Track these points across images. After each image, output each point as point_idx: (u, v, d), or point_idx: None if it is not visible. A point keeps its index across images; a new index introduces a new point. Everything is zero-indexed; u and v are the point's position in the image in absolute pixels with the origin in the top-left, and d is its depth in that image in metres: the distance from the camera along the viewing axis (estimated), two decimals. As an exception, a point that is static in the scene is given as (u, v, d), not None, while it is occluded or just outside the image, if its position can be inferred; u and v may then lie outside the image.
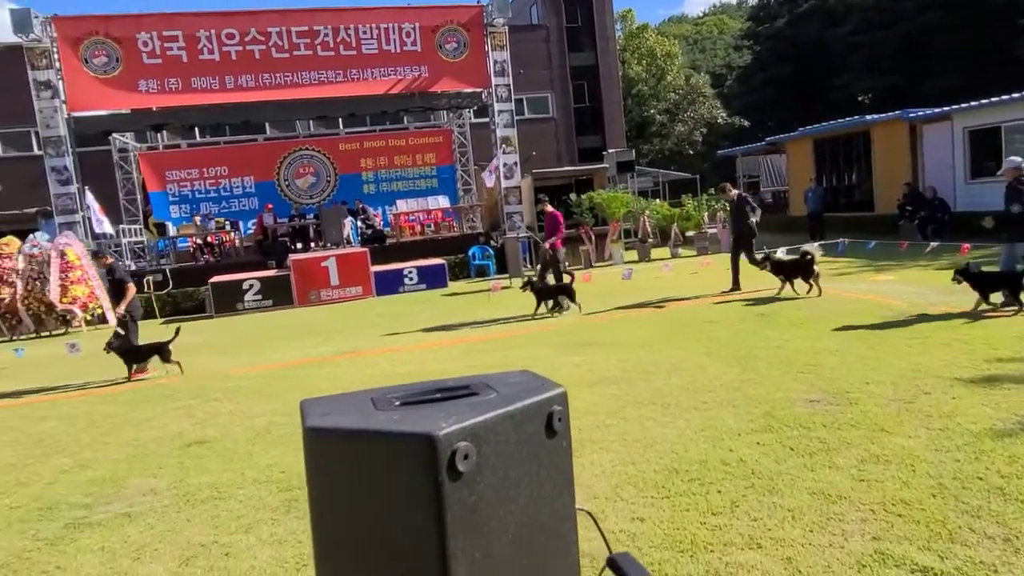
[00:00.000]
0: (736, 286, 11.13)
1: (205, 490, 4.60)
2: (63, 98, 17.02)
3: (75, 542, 3.98)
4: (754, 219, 11.18)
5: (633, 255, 19.80)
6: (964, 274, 7.99)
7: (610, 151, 25.24)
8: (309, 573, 3.32)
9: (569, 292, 10.61)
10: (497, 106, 20.62)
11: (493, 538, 1.01)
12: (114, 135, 20.58)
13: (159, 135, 23.74)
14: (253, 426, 6.07)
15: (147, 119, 19.51)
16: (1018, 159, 8.32)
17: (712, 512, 3.53)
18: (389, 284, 17.54)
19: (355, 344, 10.08)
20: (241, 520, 4.05)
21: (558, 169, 27.16)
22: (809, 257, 10.09)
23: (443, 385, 1.26)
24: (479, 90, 21.04)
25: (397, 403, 1.16)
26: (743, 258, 11.15)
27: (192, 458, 5.32)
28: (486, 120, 23.03)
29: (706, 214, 20.69)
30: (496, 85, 20.47)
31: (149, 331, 13.19)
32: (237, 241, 20.89)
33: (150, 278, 17.02)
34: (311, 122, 27.27)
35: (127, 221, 21.07)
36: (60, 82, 16.96)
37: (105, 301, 15.74)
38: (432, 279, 17.80)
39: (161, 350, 8.81)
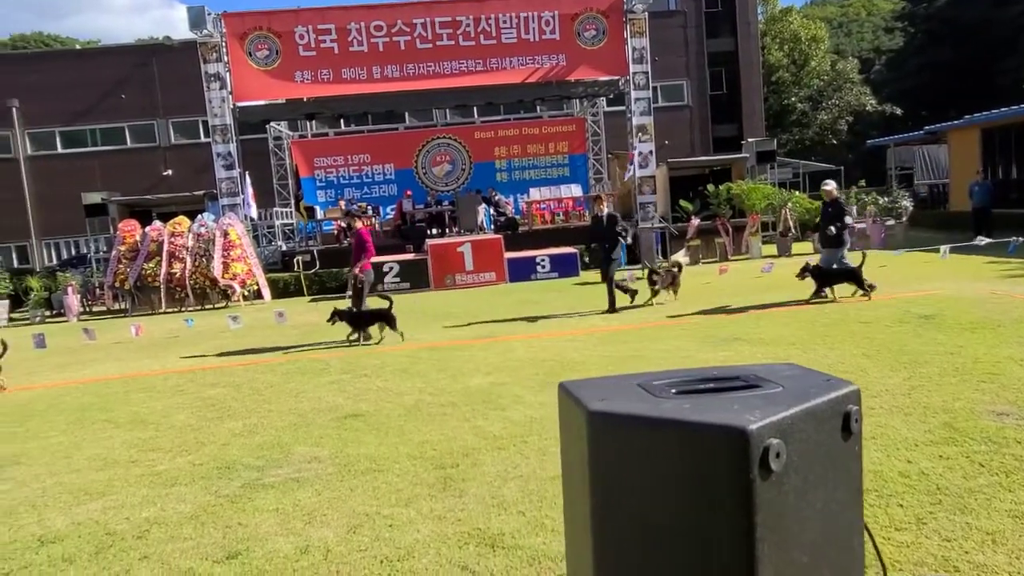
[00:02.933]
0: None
1: (364, 462, 4.80)
2: (229, 89, 18.39)
3: (252, 501, 4.27)
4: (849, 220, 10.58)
5: (771, 249, 18.89)
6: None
7: (749, 140, 24.19)
8: (471, 551, 3.38)
9: (389, 318, 9.49)
10: (634, 94, 20.23)
11: (794, 545, 0.93)
12: (271, 123, 21.99)
13: (309, 124, 25.13)
14: (403, 403, 6.29)
15: (300, 108, 20.70)
16: (832, 183, 10.29)
17: (896, 528, 3.27)
18: (522, 271, 17.71)
19: (492, 329, 10.23)
20: (400, 494, 4.19)
21: (693, 159, 26.34)
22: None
23: (708, 375, 1.20)
24: (616, 78, 20.74)
25: (673, 391, 1.11)
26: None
27: (349, 431, 5.58)
28: (620, 108, 22.69)
29: (854, 208, 19.38)
30: (633, 73, 20.08)
31: (297, 308, 14.06)
32: (377, 225, 21.81)
33: (299, 258, 18.10)
34: (448, 111, 27.93)
35: (279, 204, 22.53)
36: (227, 74, 18.34)
37: (261, 278, 16.93)
38: (564, 267, 17.80)
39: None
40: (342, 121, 26.34)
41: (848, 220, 10.33)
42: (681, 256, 18.77)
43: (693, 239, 19.05)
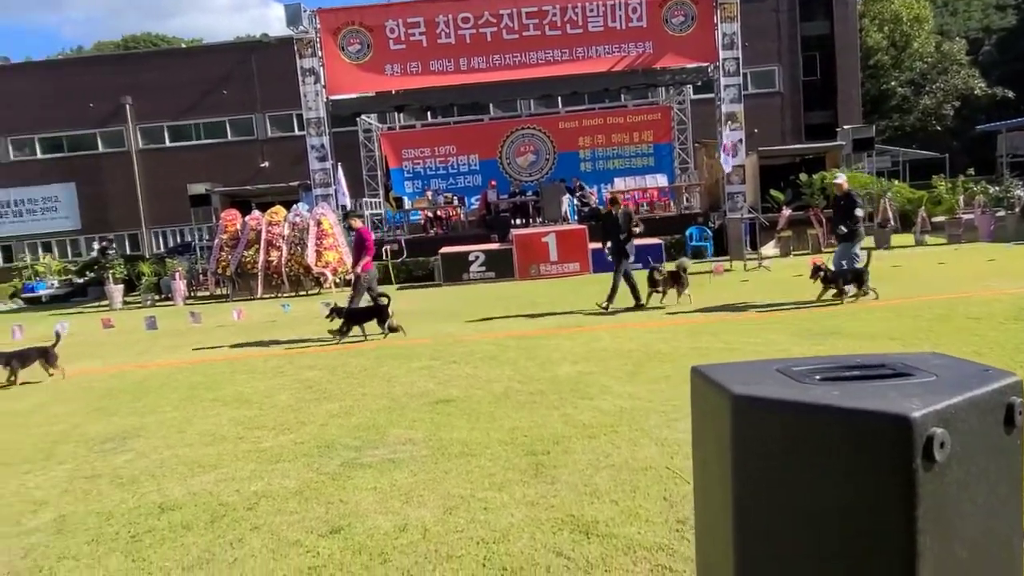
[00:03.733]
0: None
1: (456, 446, 4.91)
2: (323, 83, 19.02)
3: (351, 480, 4.44)
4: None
5: (869, 241, 18.04)
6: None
7: (845, 127, 23.13)
8: (565, 537, 3.41)
9: (382, 314, 9.73)
10: (724, 81, 19.70)
11: (956, 539, 0.90)
12: (362, 116, 22.60)
13: (397, 116, 25.68)
14: (492, 390, 6.38)
15: (389, 101, 21.19)
16: (843, 176, 10.23)
17: None
18: (605, 261, 17.51)
19: (578, 318, 10.23)
20: (493, 478, 4.26)
21: (784, 147, 25.42)
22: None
23: (850, 362, 1.17)
24: (704, 65, 20.24)
25: (817, 377, 1.09)
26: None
27: (441, 415, 5.71)
28: (708, 96, 22.13)
29: (962, 198, 18.27)
30: (723, 59, 19.55)
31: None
32: (463, 215, 22.12)
33: (388, 247, 18.57)
34: (533, 101, 27.97)
35: (368, 195, 23.16)
36: (321, 69, 18.97)
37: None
38: (648, 258, 17.52)
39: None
40: (428, 113, 26.78)
41: (859, 214, 9.95)
42: (771, 248, 18.20)
43: (784, 230, 18.42)
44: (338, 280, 17.07)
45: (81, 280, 21.04)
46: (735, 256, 16.49)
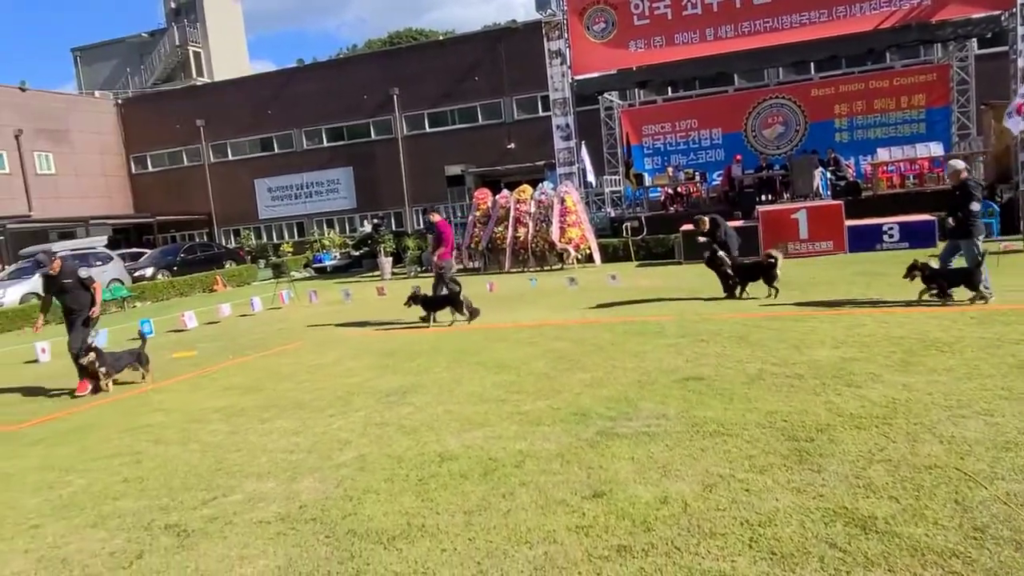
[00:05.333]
0: None
1: (711, 424, 4.88)
2: (568, 64, 19.49)
3: (608, 448, 4.62)
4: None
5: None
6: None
7: None
8: (839, 529, 3.26)
9: (455, 303, 10.28)
10: (1021, 30, 16.79)
11: None
12: (605, 94, 22.81)
13: (638, 92, 25.49)
14: (745, 371, 6.21)
15: (631, 77, 21.10)
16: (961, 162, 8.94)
17: None
18: (864, 240, 16.05)
19: (833, 300, 9.51)
20: (753, 460, 4.18)
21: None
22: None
23: None
24: (995, 13, 17.40)
25: None
26: None
27: (693, 392, 5.69)
28: (998, 50, 19.03)
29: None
30: (1021, 4, 16.64)
31: (626, 272, 14.53)
32: (704, 192, 21.47)
33: (628, 224, 18.66)
34: (781, 69, 26.13)
35: (608, 172, 23.38)
36: (567, 50, 19.43)
37: (593, 243, 17.85)
38: (917, 237, 15.68)
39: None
40: (670, 87, 26.22)
41: (975, 207, 8.49)
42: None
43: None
44: (579, 256, 17.53)
45: (357, 253, 23.94)
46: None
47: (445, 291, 10.75)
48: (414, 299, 10.43)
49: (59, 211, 34.29)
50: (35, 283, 18.98)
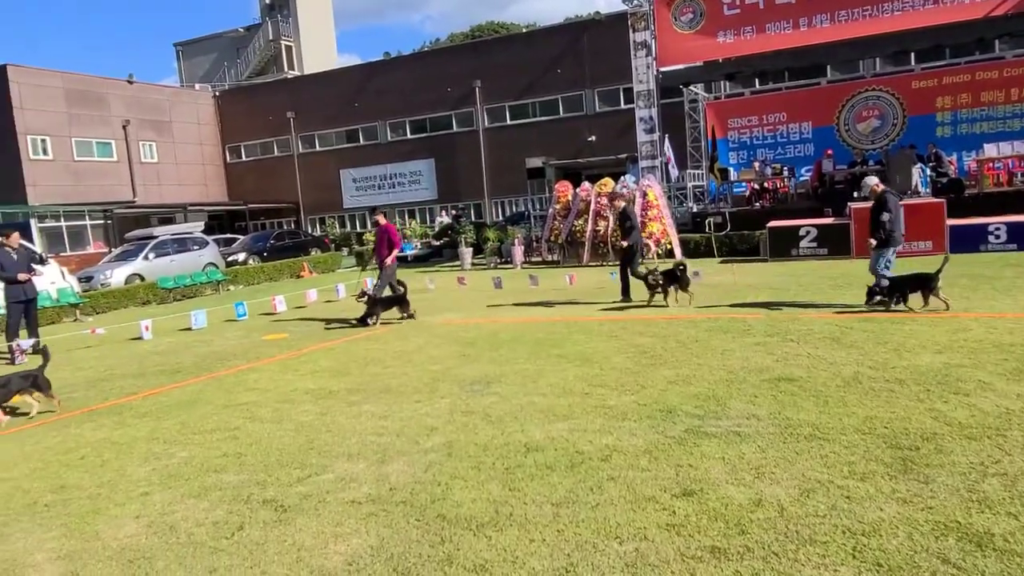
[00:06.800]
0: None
1: (805, 428, 4.70)
2: (654, 55, 19.15)
3: (697, 447, 4.52)
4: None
5: None
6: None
7: None
8: (951, 544, 3.09)
9: (402, 302, 10.77)
10: None
11: None
12: (690, 87, 22.32)
13: (724, 84, 24.83)
14: (839, 373, 5.96)
15: (719, 69, 20.57)
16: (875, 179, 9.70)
17: None
18: (967, 240, 15.13)
19: (933, 303, 9.00)
20: (853, 467, 4.00)
21: None
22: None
23: None
24: None
25: None
26: None
27: (785, 394, 5.50)
28: None
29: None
30: None
31: (708, 269, 14.21)
32: (792, 187, 20.74)
33: (711, 219, 18.22)
34: (878, 60, 24.87)
35: (691, 167, 22.87)
36: (652, 41, 19.10)
37: (674, 238, 17.54)
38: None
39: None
40: (757, 79, 25.39)
41: (884, 217, 8.96)
42: None
43: None
44: (660, 251, 17.24)
45: (438, 243, 24.31)
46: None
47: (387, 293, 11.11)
48: (364, 295, 10.83)
49: (160, 197, 36.25)
50: (139, 265, 20.17)
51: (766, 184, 20.78)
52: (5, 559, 3.75)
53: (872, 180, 9.73)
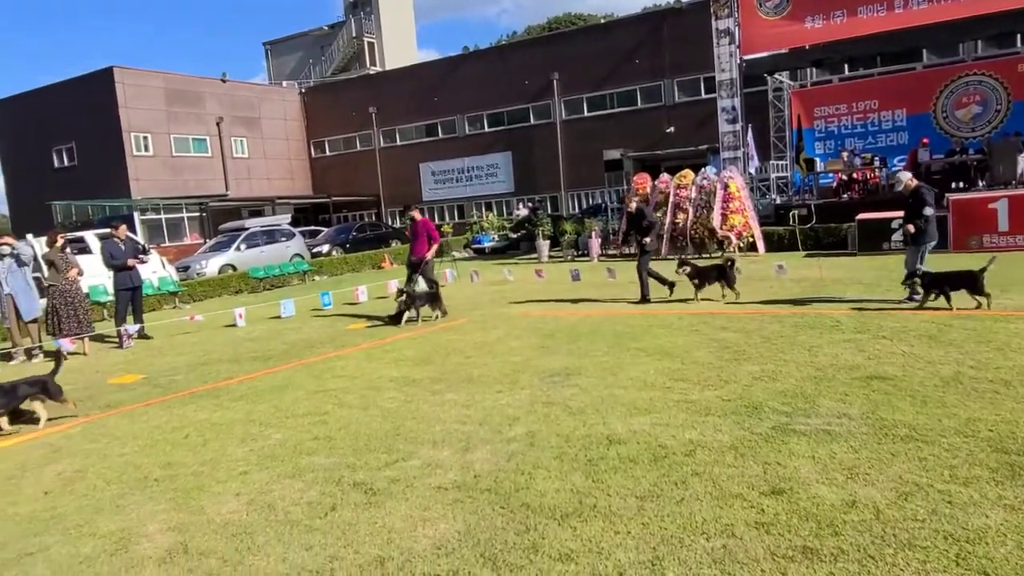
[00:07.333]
0: None
1: (901, 428, 4.53)
2: (737, 43, 18.63)
3: (785, 444, 4.42)
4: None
5: None
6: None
7: None
8: (1064, 553, 2.93)
9: (436, 300, 10.63)
10: None
11: None
12: (775, 75, 21.62)
13: (810, 72, 23.91)
14: (938, 373, 5.70)
15: (806, 56, 19.83)
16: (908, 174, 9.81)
17: None
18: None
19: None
20: (954, 471, 3.83)
21: None
22: None
23: None
24: None
25: None
26: None
27: (878, 392, 5.30)
28: None
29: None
30: None
31: (792, 262, 13.77)
32: (882, 178, 19.81)
33: (795, 212, 17.63)
34: (980, 43, 23.40)
35: (774, 157, 22.16)
36: (736, 29, 18.58)
37: (757, 231, 17.07)
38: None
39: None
40: (846, 66, 24.31)
41: (928, 211, 9.04)
42: None
43: None
44: (741, 244, 16.82)
45: (515, 235, 24.45)
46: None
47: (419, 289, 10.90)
48: (402, 292, 10.62)
49: (250, 191, 37.83)
50: (231, 255, 21.13)
51: (855, 175, 19.92)
52: (123, 528, 4.04)
53: (905, 175, 9.73)
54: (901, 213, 15.89)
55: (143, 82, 34.14)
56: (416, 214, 11.44)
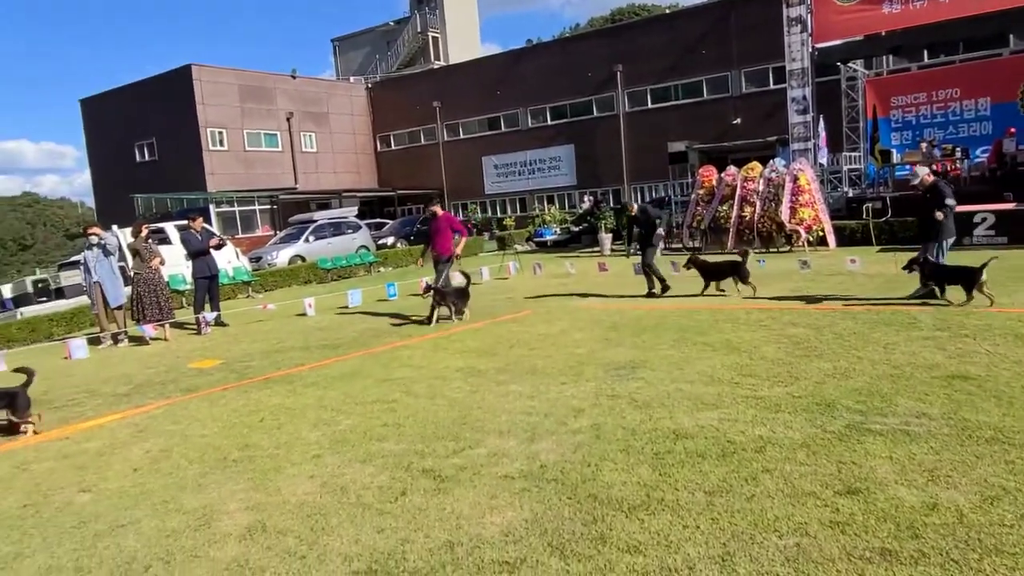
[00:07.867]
0: None
1: (986, 430, 4.34)
2: (809, 31, 18.05)
3: (860, 444, 4.29)
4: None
5: None
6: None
7: None
8: None
9: (465, 295, 10.50)
10: None
11: None
12: (849, 63, 20.86)
13: (886, 60, 22.98)
14: (1025, 375, 5.44)
15: (884, 43, 19.08)
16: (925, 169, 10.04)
17: None
18: None
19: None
20: (1045, 475, 3.66)
21: None
22: None
23: None
24: None
25: None
26: None
27: (960, 392, 5.09)
28: None
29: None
30: None
31: (866, 257, 13.31)
32: (964, 170, 18.92)
33: (869, 205, 17.01)
34: (1073, 26, 22.01)
35: (847, 149, 21.42)
36: (808, 16, 18.00)
37: (827, 225, 16.55)
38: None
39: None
40: (926, 53, 23.25)
41: (951, 203, 8.87)
42: None
43: None
44: (811, 238, 16.34)
45: (577, 229, 24.36)
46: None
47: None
48: (430, 288, 10.34)
49: (318, 184, 38.85)
50: (300, 247, 21.75)
51: (934, 166, 19.04)
52: (205, 505, 4.24)
53: (923, 171, 9.61)
54: (987, 206, 15.24)
55: (218, 79, 35.40)
56: (437, 209, 11.02)
